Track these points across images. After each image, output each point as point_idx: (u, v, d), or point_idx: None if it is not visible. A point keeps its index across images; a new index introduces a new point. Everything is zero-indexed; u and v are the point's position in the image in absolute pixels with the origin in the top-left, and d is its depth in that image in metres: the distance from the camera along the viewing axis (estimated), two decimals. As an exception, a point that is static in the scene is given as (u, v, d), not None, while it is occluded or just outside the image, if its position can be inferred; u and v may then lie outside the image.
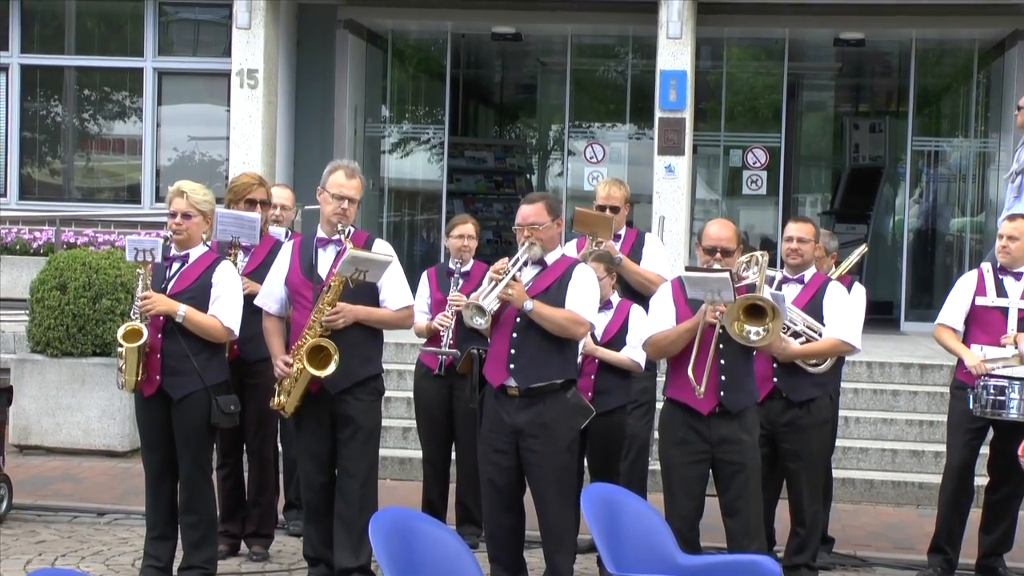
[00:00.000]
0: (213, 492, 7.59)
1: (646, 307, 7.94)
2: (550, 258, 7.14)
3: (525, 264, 7.05)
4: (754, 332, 6.79)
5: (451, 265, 8.55)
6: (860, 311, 8.10)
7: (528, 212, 7.11)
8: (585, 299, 7.05)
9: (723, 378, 6.99)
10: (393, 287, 7.26)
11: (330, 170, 7.35)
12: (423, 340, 8.60)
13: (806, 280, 7.86)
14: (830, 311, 7.72)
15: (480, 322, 6.89)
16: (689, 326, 6.95)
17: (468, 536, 8.11)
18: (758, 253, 7.52)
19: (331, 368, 7.04)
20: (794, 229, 7.88)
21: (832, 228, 17.07)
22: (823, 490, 8.16)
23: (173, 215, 7.36)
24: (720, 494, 7.14)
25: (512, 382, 6.99)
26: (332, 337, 7.09)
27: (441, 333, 8.33)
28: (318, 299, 7.11)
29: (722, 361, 6.99)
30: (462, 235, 8.53)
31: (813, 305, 7.74)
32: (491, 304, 6.89)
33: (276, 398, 7.25)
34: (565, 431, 7.04)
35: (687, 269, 7.30)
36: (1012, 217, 8.40)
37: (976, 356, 7.97)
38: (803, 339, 7.65)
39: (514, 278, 6.93)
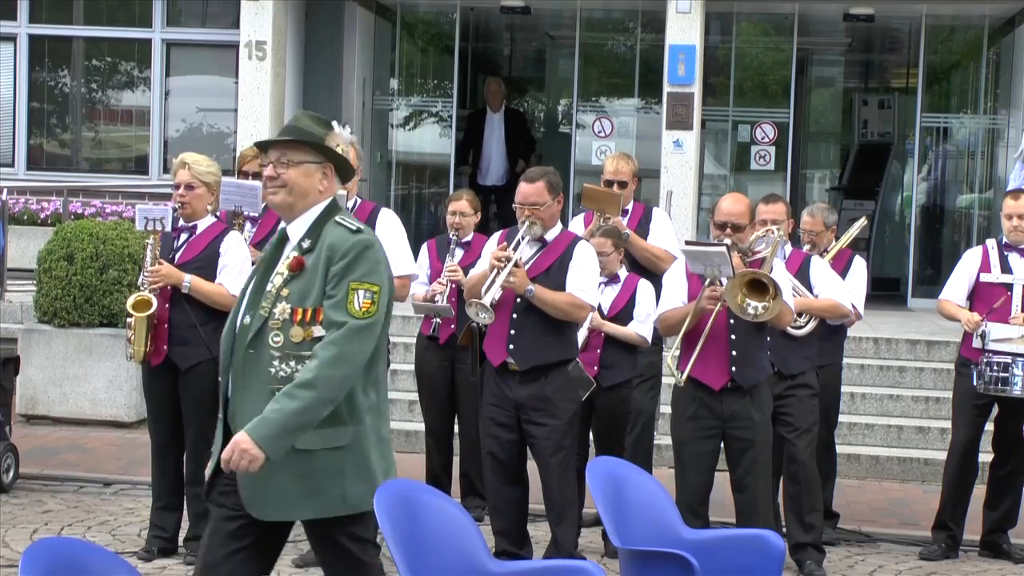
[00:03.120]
0: (219, 463, 7.60)
1: (653, 282, 7.93)
2: (550, 235, 7.12)
3: (526, 243, 7.03)
4: (752, 307, 6.78)
5: (450, 237, 8.55)
6: (861, 282, 8.19)
7: (529, 191, 7.05)
8: (586, 280, 7.03)
9: (734, 353, 7.01)
10: (394, 255, 7.21)
11: None
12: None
13: (786, 256, 7.85)
14: (819, 281, 7.74)
15: (485, 317, 6.88)
16: (695, 307, 6.95)
17: (472, 508, 8.13)
18: (773, 227, 7.51)
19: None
20: (765, 211, 7.84)
21: (840, 204, 17.04)
22: (826, 466, 8.24)
23: (177, 187, 7.38)
24: (730, 470, 7.19)
25: (512, 360, 7.00)
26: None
27: (436, 299, 8.33)
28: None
29: (733, 336, 7.00)
30: (455, 211, 8.54)
31: (799, 281, 7.74)
32: (494, 297, 6.87)
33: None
34: (567, 404, 7.05)
35: (687, 243, 7.29)
36: (1016, 196, 8.33)
37: (972, 315, 7.98)
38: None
39: (516, 264, 6.90)
